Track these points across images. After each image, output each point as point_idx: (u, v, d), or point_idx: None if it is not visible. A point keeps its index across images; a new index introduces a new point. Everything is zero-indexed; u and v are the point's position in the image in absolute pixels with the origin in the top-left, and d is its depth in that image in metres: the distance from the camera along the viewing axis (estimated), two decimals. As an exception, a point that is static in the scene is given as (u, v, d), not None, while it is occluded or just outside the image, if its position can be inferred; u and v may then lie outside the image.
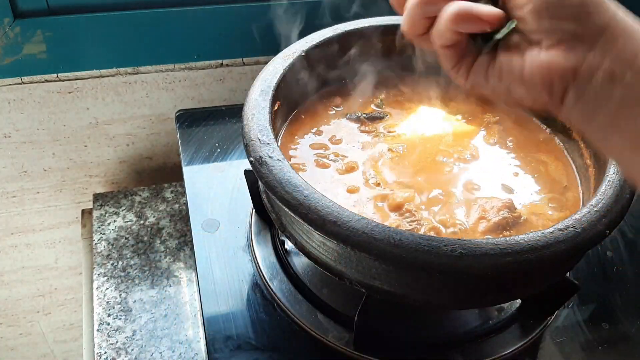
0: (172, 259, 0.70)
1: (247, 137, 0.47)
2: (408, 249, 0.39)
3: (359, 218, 0.41)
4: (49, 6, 0.67)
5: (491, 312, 0.56)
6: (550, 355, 0.54)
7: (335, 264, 0.46)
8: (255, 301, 0.55)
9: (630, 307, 0.58)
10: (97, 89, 0.76)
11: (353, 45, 0.59)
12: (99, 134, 0.81)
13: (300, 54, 0.55)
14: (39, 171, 0.82)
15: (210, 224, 0.61)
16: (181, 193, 0.78)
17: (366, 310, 0.48)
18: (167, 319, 0.63)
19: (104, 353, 0.60)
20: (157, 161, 0.87)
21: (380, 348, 0.52)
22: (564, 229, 0.41)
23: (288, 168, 0.44)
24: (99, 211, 0.76)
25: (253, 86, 0.52)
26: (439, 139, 0.57)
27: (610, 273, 0.61)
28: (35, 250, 0.93)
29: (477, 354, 0.53)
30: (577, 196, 0.53)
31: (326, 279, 0.56)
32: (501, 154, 0.57)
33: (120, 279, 0.67)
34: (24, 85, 0.72)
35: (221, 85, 0.82)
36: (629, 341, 0.55)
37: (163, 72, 0.77)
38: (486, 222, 0.48)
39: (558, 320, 0.56)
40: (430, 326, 0.55)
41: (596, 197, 0.44)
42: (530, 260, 0.40)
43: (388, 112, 0.60)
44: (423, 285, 0.44)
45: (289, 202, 0.42)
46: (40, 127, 0.77)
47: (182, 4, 0.72)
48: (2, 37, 0.66)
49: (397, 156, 0.55)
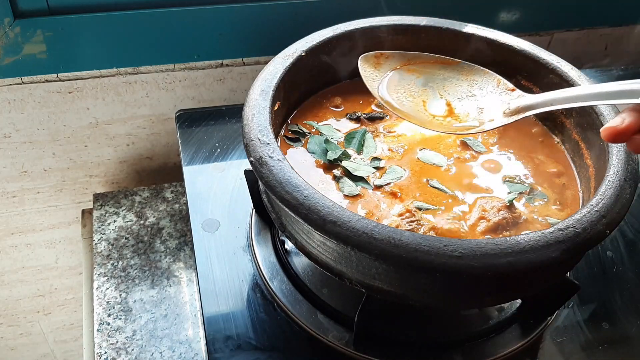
0: (172, 259, 0.70)
1: (247, 137, 0.47)
2: (408, 249, 0.39)
3: (359, 218, 0.41)
4: (49, 6, 0.67)
5: (491, 312, 0.56)
6: (550, 355, 0.54)
7: (335, 264, 0.46)
8: (255, 301, 0.55)
9: (630, 307, 0.58)
10: (97, 89, 0.76)
11: (353, 45, 0.59)
12: (99, 134, 0.81)
13: (300, 54, 0.55)
14: (39, 171, 0.82)
15: (210, 224, 0.61)
16: (181, 193, 0.78)
17: (366, 310, 0.48)
18: (167, 319, 0.63)
19: (104, 353, 0.60)
20: (157, 161, 0.87)
21: (380, 348, 0.52)
22: (564, 229, 0.41)
23: (288, 168, 0.44)
24: (99, 211, 0.76)
25: (253, 86, 0.52)
26: (439, 139, 0.57)
27: (610, 273, 0.61)
28: (35, 250, 0.93)
29: (477, 354, 0.53)
30: (576, 196, 0.53)
31: (326, 279, 0.56)
32: (501, 154, 0.57)
33: (121, 279, 0.67)
34: (24, 85, 0.73)
35: (221, 85, 0.82)
36: (629, 341, 0.55)
37: (163, 72, 0.77)
38: (486, 222, 0.48)
39: (558, 320, 0.56)
40: (430, 326, 0.55)
41: (596, 197, 0.44)
42: (530, 260, 0.40)
43: (388, 112, 0.60)
44: (423, 285, 0.44)
45: (289, 202, 0.42)
46: (41, 127, 0.77)
47: (182, 4, 0.72)
48: (2, 37, 0.66)
49: (397, 156, 0.55)
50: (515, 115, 0.49)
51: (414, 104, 0.53)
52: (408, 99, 0.53)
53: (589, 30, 0.94)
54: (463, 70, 0.55)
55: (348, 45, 0.59)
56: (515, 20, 0.86)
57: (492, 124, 0.51)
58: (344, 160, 0.53)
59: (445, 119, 0.52)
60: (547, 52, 0.58)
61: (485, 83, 0.54)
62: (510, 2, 0.84)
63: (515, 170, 0.55)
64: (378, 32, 0.60)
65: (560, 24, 0.91)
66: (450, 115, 0.52)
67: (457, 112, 0.52)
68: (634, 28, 0.96)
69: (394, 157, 0.55)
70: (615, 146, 0.48)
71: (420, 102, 0.54)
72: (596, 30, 0.95)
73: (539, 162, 0.56)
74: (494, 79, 0.54)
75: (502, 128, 0.59)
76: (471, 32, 0.60)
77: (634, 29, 0.96)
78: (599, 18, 0.93)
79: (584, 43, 0.95)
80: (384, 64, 0.56)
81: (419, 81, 0.55)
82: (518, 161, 0.56)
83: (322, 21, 0.61)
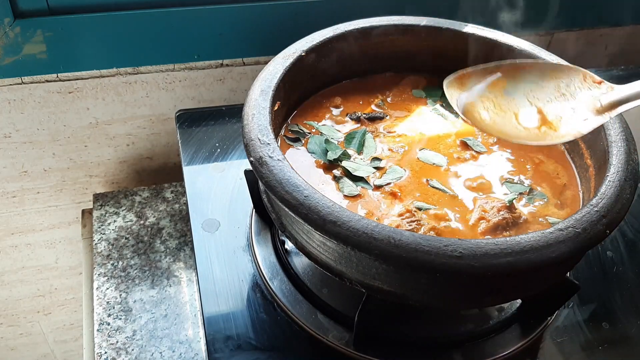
0: (172, 259, 0.70)
1: (247, 137, 0.47)
2: (408, 249, 0.39)
3: (359, 218, 0.41)
4: (49, 6, 0.67)
5: (491, 312, 0.56)
6: (550, 355, 0.54)
7: (335, 264, 0.46)
8: (255, 301, 0.55)
9: (630, 307, 0.58)
10: (97, 89, 0.76)
11: (353, 45, 0.59)
12: (99, 134, 0.81)
13: (300, 54, 0.55)
14: (39, 171, 0.82)
15: (210, 224, 0.61)
16: (181, 193, 0.78)
17: (366, 310, 0.48)
18: (167, 319, 0.63)
19: (104, 353, 0.60)
20: (157, 161, 0.87)
21: (380, 348, 0.52)
22: (564, 229, 0.41)
23: (288, 168, 0.44)
24: (99, 211, 0.76)
25: (253, 86, 0.52)
26: (439, 139, 0.57)
27: (610, 273, 0.61)
28: (35, 250, 0.93)
29: (477, 354, 0.53)
30: (576, 196, 0.53)
31: (326, 279, 0.56)
32: (501, 154, 0.57)
33: (121, 279, 0.67)
34: (24, 85, 0.73)
35: (221, 85, 0.82)
36: (629, 341, 0.55)
37: (163, 72, 0.77)
38: (486, 222, 0.48)
39: (558, 320, 0.56)
40: (430, 326, 0.55)
41: (596, 197, 0.44)
42: (530, 260, 0.40)
43: (388, 113, 0.60)
44: (423, 285, 0.44)
45: (289, 202, 0.42)
46: (41, 127, 0.77)
47: (182, 4, 0.72)
48: (3, 37, 0.66)
49: (397, 156, 0.55)
50: (609, 111, 0.46)
51: (505, 119, 0.50)
52: (499, 115, 0.50)
53: (589, 30, 0.94)
54: (546, 70, 0.52)
55: (348, 45, 0.59)
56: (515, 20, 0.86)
57: (587, 124, 0.47)
58: (344, 161, 0.53)
59: (541, 129, 0.49)
60: (547, 52, 0.58)
61: (572, 79, 0.50)
62: (510, 2, 0.84)
63: (515, 171, 0.55)
64: (378, 32, 0.60)
65: (560, 24, 0.91)
66: (544, 123, 0.49)
67: (550, 119, 0.49)
68: (634, 28, 0.96)
69: (394, 157, 0.55)
70: (615, 146, 0.48)
71: (511, 115, 0.50)
72: (596, 30, 0.95)
73: (538, 162, 0.56)
74: (578, 73, 0.50)
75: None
76: (471, 32, 0.60)
77: (635, 29, 0.97)
78: (599, 18, 0.93)
79: (583, 43, 0.95)
80: (468, 83, 0.52)
81: (506, 92, 0.51)
82: (518, 161, 0.56)
83: (322, 21, 0.61)
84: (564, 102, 0.50)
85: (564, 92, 0.50)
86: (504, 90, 0.51)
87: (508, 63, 0.53)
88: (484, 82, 0.52)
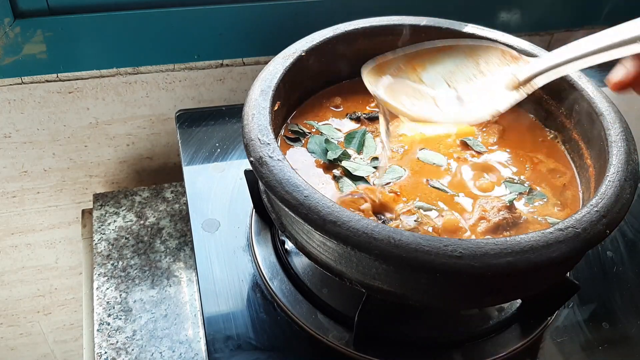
0: (172, 259, 0.70)
1: (247, 137, 0.47)
2: (408, 249, 0.39)
3: (359, 218, 0.41)
4: (49, 6, 0.67)
5: (491, 312, 0.56)
6: (550, 355, 0.54)
7: (335, 264, 0.46)
8: (255, 301, 0.55)
9: (630, 307, 0.58)
10: (97, 89, 0.76)
11: (353, 45, 0.59)
12: (99, 134, 0.81)
13: (300, 54, 0.55)
14: (39, 171, 0.82)
15: (210, 224, 0.61)
16: (181, 193, 0.78)
17: (366, 310, 0.48)
18: (167, 319, 0.63)
19: (104, 353, 0.60)
20: (157, 161, 0.87)
21: (380, 348, 0.52)
22: (564, 229, 0.41)
23: (288, 168, 0.44)
24: (99, 211, 0.76)
25: (253, 86, 0.52)
26: (439, 139, 0.57)
27: (610, 273, 0.61)
28: (35, 250, 0.93)
29: (477, 354, 0.53)
30: (576, 196, 0.53)
31: (326, 279, 0.56)
32: (501, 153, 0.57)
33: (121, 279, 0.67)
34: (24, 85, 0.73)
35: (221, 85, 0.82)
36: (629, 341, 0.55)
37: (163, 72, 0.77)
38: (486, 222, 0.48)
39: (558, 320, 0.56)
40: (431, 326, 0.55)
41: (596, 197, 0.44)
42: (530, 260, 0.40)
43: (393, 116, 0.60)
44: (423, 285, 0.44)
45: (289, 202, 0.42)
46: (41, 127, 0.77)
47: (182, 4, 0.72)
48: (2, 37, 0.66)
49: (397, 156, 0.55)
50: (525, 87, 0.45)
51: (424, 102, 0.49)
52: (418, 99, 0.50)
53: (589, 30, 0.94)
54: (467, 50, 0.51)
55: (348, 45, 0.59)
56: (515, 20, 0.86)
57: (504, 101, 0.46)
58: (344, 160, 0.53)
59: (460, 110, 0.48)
60: (547, 52, 0.58)
61: (490, 57, 0.49)
62: (510, 2, 0.84)
63: (515, 171, 0.55)
64: (378, 32, 0.60)
65: (560, 24, 0.91)
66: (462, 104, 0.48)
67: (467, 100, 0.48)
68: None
69: (394, 157, 0.55)
70: (615, 146, 0.48)
71: (430, 99, 0.50)
72: (596, 30, 0.95)
73: (538, 161, 0.56)
74: (497, 50, 0.49)
75: (502, 128, 0.59)
76: (471, 32, 0.60)
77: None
78: (599, 18, 0.93)
79: (584, 43, 0.95)
80: (388, 69, 0.52)
81: (426, 76, 0.51)
82: (518, 161, 0.56)
83: (322, 21, 0.61)
84: (484, 81, 0.49)
85: (482, 71, 0.49)
86: (422, 74, 0.51)
87: (428, 47, 0.52)
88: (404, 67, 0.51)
